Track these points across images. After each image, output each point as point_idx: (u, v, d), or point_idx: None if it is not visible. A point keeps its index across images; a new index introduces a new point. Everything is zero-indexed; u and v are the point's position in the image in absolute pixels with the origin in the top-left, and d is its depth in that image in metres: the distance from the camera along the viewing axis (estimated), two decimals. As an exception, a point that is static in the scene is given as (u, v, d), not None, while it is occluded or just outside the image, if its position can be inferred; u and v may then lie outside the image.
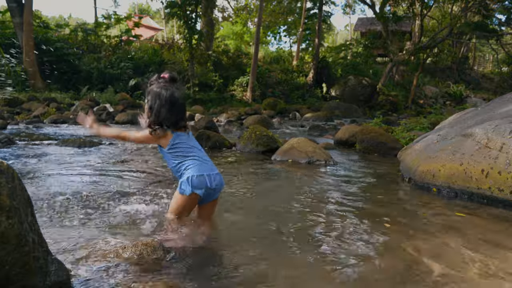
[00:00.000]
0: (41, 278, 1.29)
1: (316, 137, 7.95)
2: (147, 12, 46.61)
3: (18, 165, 3.84)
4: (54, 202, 2.60)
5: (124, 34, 20.26)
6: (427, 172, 3.34)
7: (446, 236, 2.18)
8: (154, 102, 2.11)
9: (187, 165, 2.13)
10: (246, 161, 4.75)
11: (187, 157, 2.14)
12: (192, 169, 2.12)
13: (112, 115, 11.10)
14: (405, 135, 6.58)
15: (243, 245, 1.96)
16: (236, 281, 1.57)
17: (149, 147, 5.77)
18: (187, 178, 2.10)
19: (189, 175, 2.11)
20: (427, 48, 19.28)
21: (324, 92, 21.27)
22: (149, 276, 1.54)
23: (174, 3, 17.46)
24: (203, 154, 2.21)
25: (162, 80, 2.16)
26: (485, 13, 18.01)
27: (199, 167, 2.12)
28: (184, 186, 2.12)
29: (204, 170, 2.13)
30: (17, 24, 15.79)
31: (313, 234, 2.15)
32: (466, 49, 31.31)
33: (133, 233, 2.05)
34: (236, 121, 11.17)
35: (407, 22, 25.30)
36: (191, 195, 2.10)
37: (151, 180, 3.44)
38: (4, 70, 14.68)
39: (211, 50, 20.90)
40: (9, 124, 7.99)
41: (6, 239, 1.16)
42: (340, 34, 61.22)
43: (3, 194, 1.17)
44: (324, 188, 3.37)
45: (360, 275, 1.64)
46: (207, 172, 2.13)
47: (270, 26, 31.17)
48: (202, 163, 2.14)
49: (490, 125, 3.18)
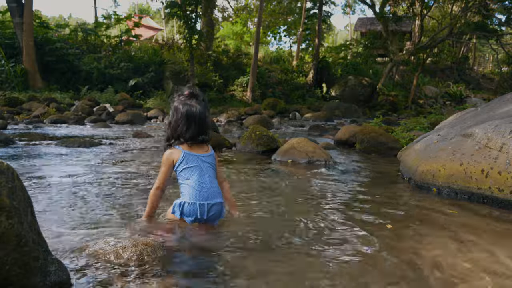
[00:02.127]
0: (41, 278, 1.29)
1: (316, 137, 7.94)
2: (147, 12, 46.62)
3: (18, 165, 3.84)
4: (54, 202, 2.60)
5: (124, 34, 20.25)
6: (427, 172, 3.34)
7: (446, 236, 2.18)
8: (172, 117, 2.17)
9: (184, 188, 2.13)
10: (246, 161, 4.75)
11: (188, 178, 2.11)
12: (187, 193, 2.10)
13: (112, 115, 11.10)
14: (405, 135, 6.58)
15: (242, 245, 1.96)
16: (236, 281, 1.57)
17: (150, 148, 5.77)
18: (179, 203, 2.11)
19: (182, 200, 2.11)
20: (427, 48, 19.29)
21: (324, 92, 21.28)
22: (149, 276, 1.54)
23: (174, 3, 17.45)
24: (206, 179, 2.13)
25: (182, 96, 2.19)
26: (485, 13, 18.01)
27: (194, 192, 2.09)
28: (175, 208, 2.13)
29: (200, 198, 2.09)
30: (17, 24, 15.78)
31: (313, 234, 2.15)
32: (466, 49, 31.33)
33: (133, 233, 2.05)
34: (236, 121, 11.17)
35: (407, 22, 25.34)
36: (181, 219, 2.12)
37: (151, 180, 3.44)
38: (4, 70, 14.69)
39: (211, 50, 20.89)
40: (9, 124, 7.99)
41: (6, 239, 1.16)
42: (340, 34, 61.23)
43: (3, 194, 1.17)
44: (324, 188, 3.37)
45: (360, 275, 1.64)
46: (202, 201, 2.09)
47: (270, 26, 31.17)
48: (198, 190, 2.09)
49: (490, 125, 3.18)
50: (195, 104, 2.16)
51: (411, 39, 25.56)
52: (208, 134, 2.23)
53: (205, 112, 2.20)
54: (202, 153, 2.18)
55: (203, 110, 2.19)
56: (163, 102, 15.95)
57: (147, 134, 7.24)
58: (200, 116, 2.15)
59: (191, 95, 2.19)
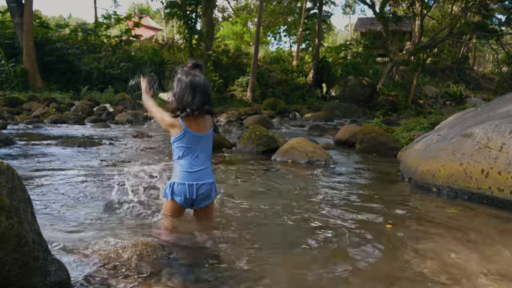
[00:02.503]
0: (41, 278, 1.29)
1: (316, 137, 7.94)
2: (147, 12, 46.58)
3: (18, 165, 3.84)
4: (54, 202, 2.60)
5: (124, 34, 20.23)
6: (427, 172, 3.34)
7: (446, 236, 2.18)
8: (176, 87, 2.13)
9: (175, 167, 2.14)
10: (246, 161, 4.75)
11: (181, 158, 2.13)
12: (178, 175, 2.12)
13: (112, 115, 11.10)
14: (405, 135, 6.58)
15: (243, 245, 1.96)
16: (236, 281, 1.57)
17: (150, 148, 5.77)
18: (169, 184, 2.13)
19: (172, 181, 2.13)
20: (427, 48, 19.28)
21: (324, 92, 21.27)
22: (149, 276, 1.54)
23: (174, 3, 17.45)
24: (199, 160, 2.14)
25: (186, 67, 2.18)
26: (485, 13, 18.01)
27: (185, 174, 2.11)
28: (167, 190, 2.14)
29: (189, 179, 2.11)
30: (17, 24, 15.78)
31: (313, 234, 2.15)
32: (466, 49, 31.31)
33: (133, 233, 2.05)
34: (236, 121, 11.17)
35: (407, 22, 25.32)
36: (172, 200, 2.13)
37: (151, 180, 3.44)
38: (4, 70, 14.69)
39: (211, 50, 20.88)
40: (9, 124, 7.99)
41: (6, 239, 1.16)
42: (340, 34, 61.18)
43: (3, 194, 1.17)
44: (324, 188, 3.37)
45: (359, 275, 1.64)
46: (191, 182, 2.10)
47: (270, 26, 31.15)
48: (188, 172, 2.11)
49: (490, 125, 3.18)
50: (199, 74, 2.15)
51: (411, 39, 25.55)
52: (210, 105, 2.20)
53: (208, 83, 2.20)
54: (202, 132, 2.15)
55: (206, 80, 2.18)
56: (163, 102, 15.94)
57: (147, 134, 7.24)
58: (204, 85, 2.13)
59: (195, 66, 2.18)
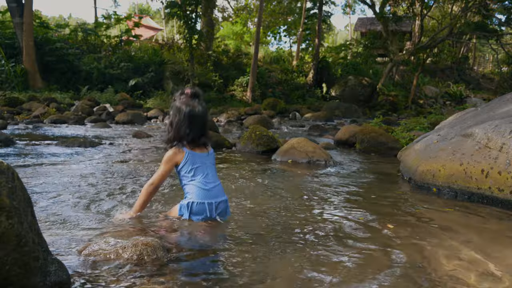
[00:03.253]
0: (41, 278, 1.29)
1: (316, 137, 7.95)
2: (147, 12, 46.59)
3: (18, 165, 3.84)
4: (53, 202, 2.60)
5: (124, 34, 20.24)
6: (427, 172, 3.34)
7: (446, 236, 2.18)
8: (175, 118, 2.13)
9: (190, 188, 2.12)
10: (246, 161, 4.75)
11: (192, 179, 2.12)
12: (194, 193, 2.10)
13: (112, 115, 11.10)
14: (405, 135, 6.59)
15: (243, 245, 1.96)
16: (236, 281, 1.57)
17: (150, 148, 5.77)
18: (187, 204, 2.10)
19: (189, 201, 2.10)
20: (427, 48, 19.28)
21: (324, 92, 21.27)
22: (149, 276, 1.54)
23: (174, 3, 17.45)
24: (210, 178, 2.16)
25: (184, 96, 2.17)
26: (485, 13, 18.01)
27: (201, 192, 2.10)
28: (183, 210, 2.12)
29: (206, 197, 2.11)
30: (17, 24, 15.78)
31: (313, 234, 2.15)
32: (466, 49, 31.32)
33: (133, 233, 2.04)
34: (236, 121, 11.17)
35: (407, 22, 25.33)
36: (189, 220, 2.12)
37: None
38: (4, 70, 14.69)
39: (211, 50, 20.89)
40: (9, 124, 7.99)
41: (6, 239, 1.16)
42: (340, 34, 61.20)
43: (3, 194, 1.17)
44: (324, 188, 3.37)
45: (359, 275, 1.64)
46: (210, 200, 2.11)
47: (270, 26, 31.15)
48: (206, 190, 2.11)
49: (490, 125, 3.18)
50: (197, 104, 2.15)
51: (411, 39, 25.56)
52: (209, 136, 2.25)
53: (207, 113, 2.21)
54: (204, 153, 2.20)
55: (205, 111, 2.20)
56: (163, 102, 15.95)
57: (147, 134, 7.24)
58: (202, 117, 2.15)
59: (194, 95, 2.18)
